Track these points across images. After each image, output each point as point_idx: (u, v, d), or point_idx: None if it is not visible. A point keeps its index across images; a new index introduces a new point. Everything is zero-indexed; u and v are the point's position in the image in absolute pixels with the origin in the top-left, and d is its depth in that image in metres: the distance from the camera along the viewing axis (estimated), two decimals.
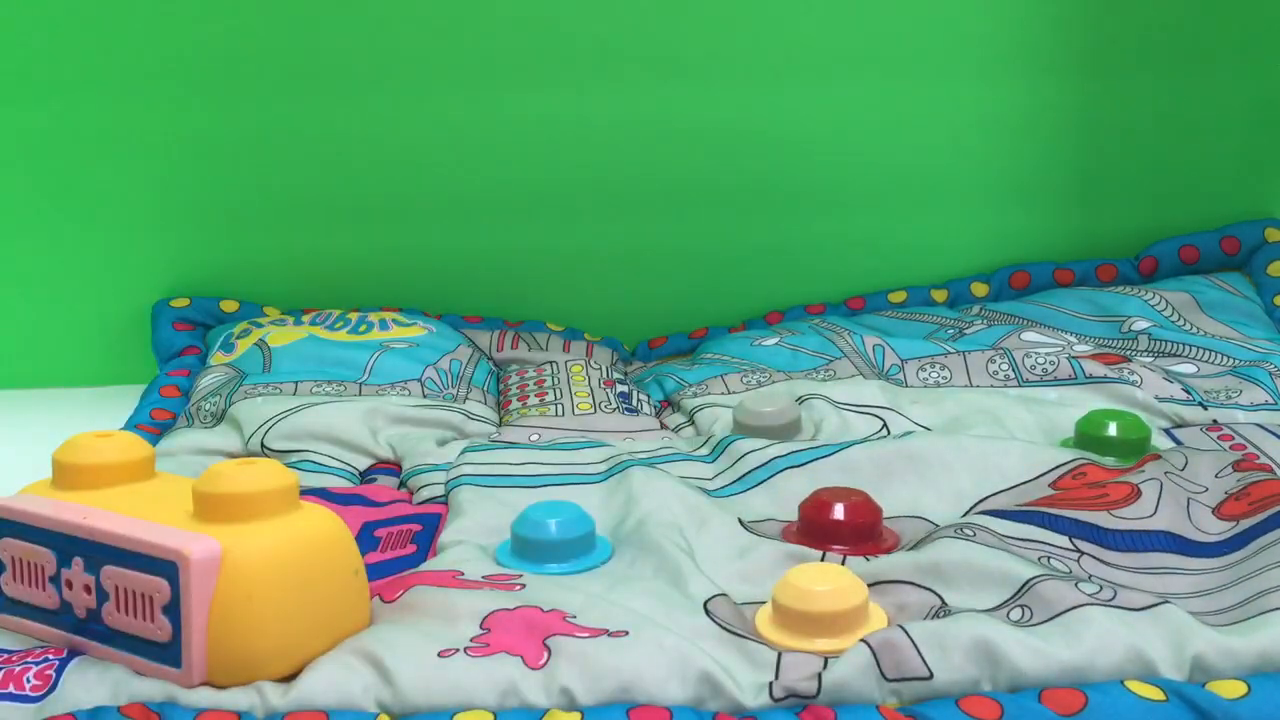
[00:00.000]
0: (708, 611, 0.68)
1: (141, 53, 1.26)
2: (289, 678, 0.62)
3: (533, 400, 1.11)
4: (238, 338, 1.21)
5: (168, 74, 1.27)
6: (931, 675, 0.60)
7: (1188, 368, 1.13)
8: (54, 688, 0.62)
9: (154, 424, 1.07)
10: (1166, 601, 0.64)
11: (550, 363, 1.20)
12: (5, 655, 0.65)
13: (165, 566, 0.61)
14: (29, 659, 0.64)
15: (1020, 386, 1.08)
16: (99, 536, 0.63)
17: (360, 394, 1.09)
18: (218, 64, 1.27)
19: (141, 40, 1.26)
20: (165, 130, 1.28)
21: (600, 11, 1.29)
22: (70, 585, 0.65)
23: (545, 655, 0.62)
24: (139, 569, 0.62)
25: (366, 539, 0.82)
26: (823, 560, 0.75)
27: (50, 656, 0.64)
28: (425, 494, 0.90)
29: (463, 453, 0.95)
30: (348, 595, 0.66)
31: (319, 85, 1.29)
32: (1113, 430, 0.91)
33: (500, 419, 1.10)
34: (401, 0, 1.27)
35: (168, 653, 0.61)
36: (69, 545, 0.65)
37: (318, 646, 0.63)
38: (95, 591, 0.64)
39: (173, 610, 0.61)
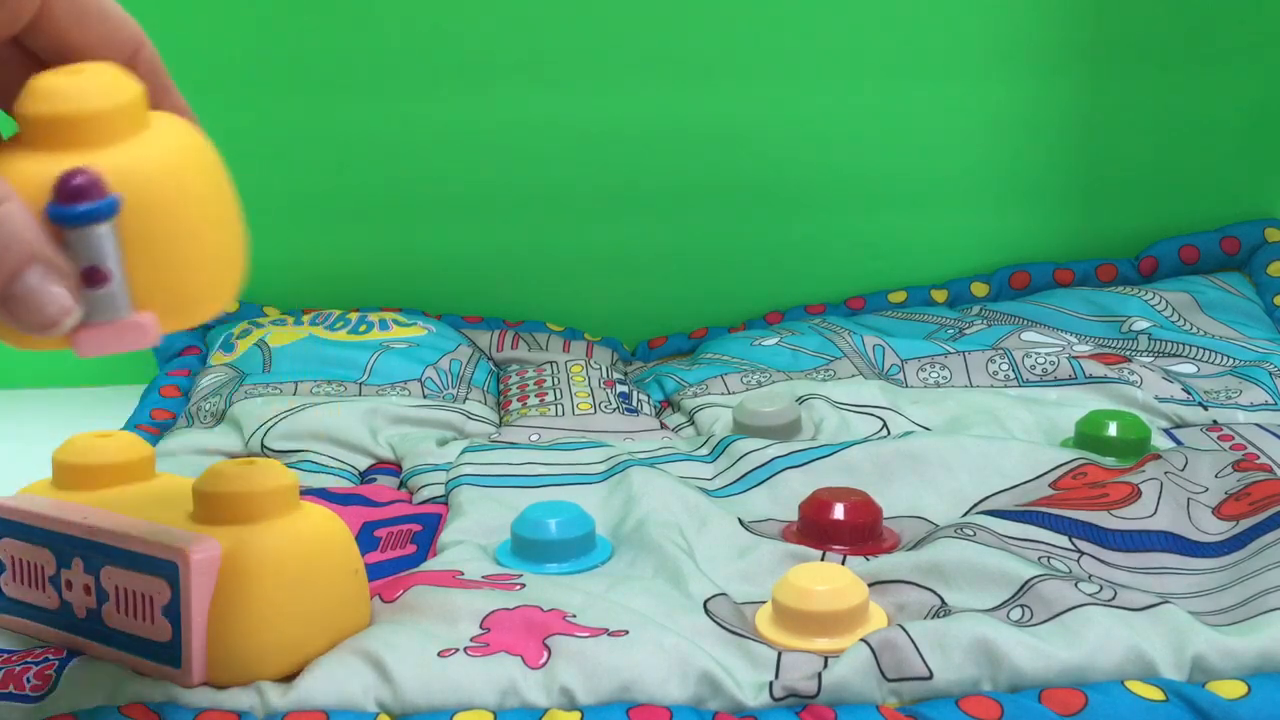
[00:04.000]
0: (708, 611, 0.68)
1: None
2: (289, 678, 0.62)
3: (533, 400, 1.11)
4: (238, 338, 1.21)
5: None
6: (931, 675, 0.60)
7: (1188, 368, 1.13)
8: (54, 688, 0.62)
9: (154, 424, 1.07)
10: (1167, 601, 0.64)
11: (550, 363, 1.20)
12: (5, 655, 0.65)
13: (165, 567, 0.60)
14: (29, 659, 0.64)
15: (1020, 386, 1.08)
16: (99, 536, 0.63)
17: (360, 394, 1.09)
18: (215, 64, 1.27)
19: None
20: None
21: (599, 11, 1.29)
22: (70, 585, 0.64)
23: (545, 655, 0.62)
24: (139, 569, 0.62)
25: (366, 539, 0.82)
26: (823, 560, 0.75)
27: (50, 656, 0.64)
28: (425, 494, 0.90)
29: (463, 453, 0.94)
30: (348, 595, 0.65)
31: (318, 85, 1.28)
32: (1113, 430, 0.91)
33: (500, 419, 1.10)
34: (401, 0, 1.27)
35: (168, 653, 0.61)
36: (69, 545, 0.64)
37: (318, 646, 0.63)
38: (95, 592, 0.63)
39: (173, 610, 0.61)
